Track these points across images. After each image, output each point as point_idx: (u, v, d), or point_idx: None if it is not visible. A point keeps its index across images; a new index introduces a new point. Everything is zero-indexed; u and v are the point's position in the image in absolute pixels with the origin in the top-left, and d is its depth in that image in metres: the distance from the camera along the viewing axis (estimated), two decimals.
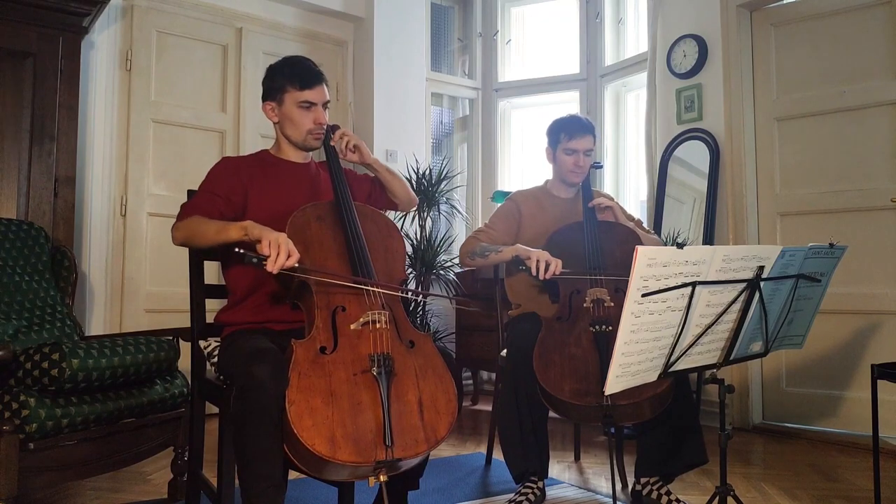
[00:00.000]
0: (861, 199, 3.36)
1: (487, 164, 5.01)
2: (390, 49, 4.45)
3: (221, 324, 1.97)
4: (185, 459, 2.28)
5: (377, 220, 1.95)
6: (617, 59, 4.59)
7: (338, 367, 1.59)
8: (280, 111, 2.00)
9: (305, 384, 1.53)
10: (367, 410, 1.53)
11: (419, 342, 1.73)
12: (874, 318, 3.31)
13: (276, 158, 2.06)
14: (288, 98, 1.98)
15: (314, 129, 1.99)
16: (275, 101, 2.01)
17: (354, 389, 1.56)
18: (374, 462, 1.48)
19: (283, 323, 1.90)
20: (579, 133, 2.55)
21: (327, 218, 1.85)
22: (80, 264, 3.38)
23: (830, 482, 2.65)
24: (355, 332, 1.66)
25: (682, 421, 2.22)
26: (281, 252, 1.59)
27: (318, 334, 1.64)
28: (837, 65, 3.46)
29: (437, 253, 4.14)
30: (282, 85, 1.98)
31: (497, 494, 2.45)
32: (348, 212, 1.86)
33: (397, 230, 1.98)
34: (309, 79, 1.97)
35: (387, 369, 1.58)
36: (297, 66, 2.00)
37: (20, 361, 1.96)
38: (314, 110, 1.98)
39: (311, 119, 1.98)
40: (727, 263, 1.50)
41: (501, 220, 2.64)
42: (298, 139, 2.01)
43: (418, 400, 1.61)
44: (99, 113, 3.58)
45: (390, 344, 1.65)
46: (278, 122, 2.03)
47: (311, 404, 1.50)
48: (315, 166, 2.11)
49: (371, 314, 1.68)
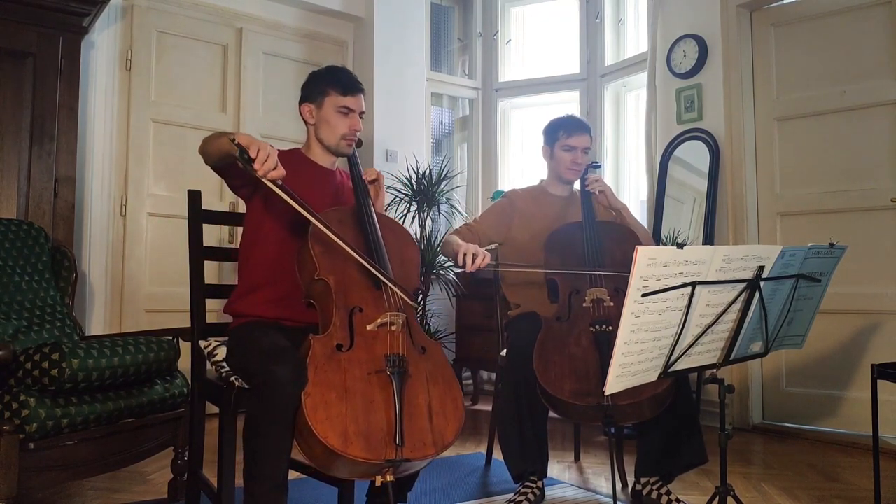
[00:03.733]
0: (861, 199, 3.36)
1: (487, 164, 5.01)
2: (390, 49, 4.45)
3: (233, 313, 1.98)
4: (185, 459, 2.27)
5: (395, 230, 2.01)
6: (617, 59, 4.59)
7: (353, 365, 1.62)
8: (318, 114, 2.05)
9: (321, 378, 1.56)
10: (379, 409, 1.56)
11: (430, 349, 1.77)
12: (874, 318, 3.31)
13: (305, 158, 2.10)
14: (328, 102, 2.03)
15: (348, 134, 2.04)
16: (314, 103, 2.06)
17: (368, 388, 1.59)
18: (384, 460, 1.50)
19: (294, 321, 1.92)
20: (578, 131, 2.58)
21: (348, 221, 1.90)
22: (80, 264, 3.38)
23: (830, 482, 2.65)
24: (371, 333, 1.70)
25: (682, 421, 2.22)
26: (270, 158, 1.64)
27: (336, 332, 1.68)
28: (837, 65, 3.46)
29: (437, 253, 4.14)
30: (324, 89, 2.04)
31: (497, 494, 2.45)
32: (369, 217, 1.92)
33: (414, 241, 2.04)
34: (351, 86, 2.05)
35: (401, 370, 1.62)
36: (341, 74, 2.08)
37: (20, 361, 1.96)
38: (351, 117, 2.04)
39: (347, 125, 2.04)
40: (727, 263, 1.50)
41: (491, 216, 2.64)
42: (332, 143, 2.06)
43: (428, 404, 1.64)
44: (99, 113, 3.58)
45: (405, 346, 1.69)
46: (314, 124, 2.07)
47: (327, 398, 1.53)
48: (340, 174, 2.16)
49: (388, 315, 1.72)
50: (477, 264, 2.22)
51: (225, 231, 3.87)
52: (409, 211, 4.12)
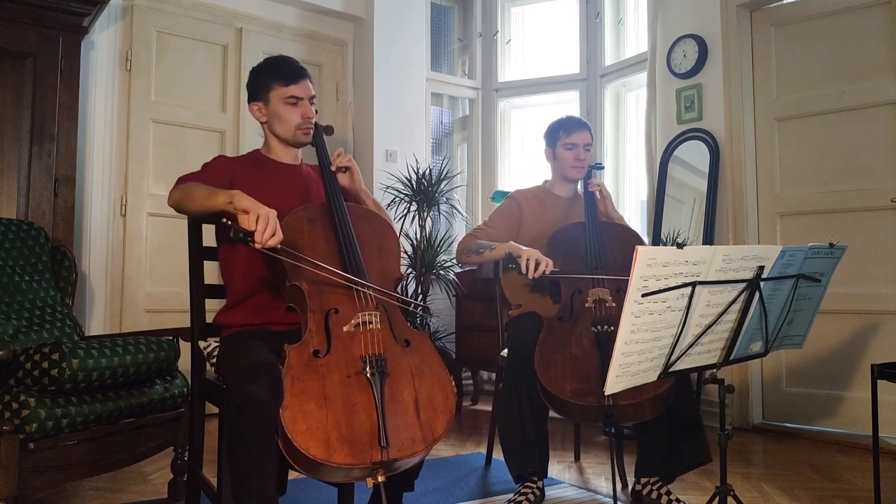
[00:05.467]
0: (861, 199, 3.36)
1: (487, 164, 5.01)
2: (390, 49, 4.45)
3: (220, 325, 1.96)
4: (185, 459, 2.27)
5: (371, 221, 1.94)
6: (617, 59, 4.59)
7: (331, 370, 1.59)
8: (267, 110, 2.00)
9: (299, 388, 1.53)
10: (361, 412, 1.53)
11: (415, 341, 1.73)
12: (874, 318, 3.31)
13: (267, 159, 2.06)
14: (274, 96, 1.97)
15: (302, 123, 1.99)
16: (261, 100, 2.00)
17: (348, 391, 1.56)
18: (371, 463, 1.48)
19: (281, 324, 1.89)
20: (577, 128, 2.59)
21: (319, 220, 1.84)
22: (80, 264, 3.38)
23: (830, 482, 2.65)
24: (348, 334, 1.66)
25: (682, 421, 2.22)
26: (269, 226, 1.57)
27: (311, 338, 1.64)
28: (837, 65, 3.46)
29: (437, 253, 4.14)
30: (266, 84, 1.98)
31: (497, 494, 2.45)
32: (340, 213, 1.85)
33: (392, 229, 1.97)
34: (292, 74, 1.97)
35: (380, 370, 1.59)
36: (280, 64, 2.01)
37: (20, 361, 1.95)
38: (301, 105, 1.98)
39: (298, 114, 1.98)
40: (727, 263, 1.50)
41: (502, 219, 2.64)
42: (288, 136, 2.01)
43: (414, 399, 1.61)
44: (99, 113, 3.58)
45: (383, 344, 1.65)
46: (266, 121, 2.03)
47: (305, 408, 1.51)
48: (306, 168, 2.11)
49: (363, 315, 1.68)
50: (540, 271, 2.24)
51: None
52: (409, 211, 4.12)
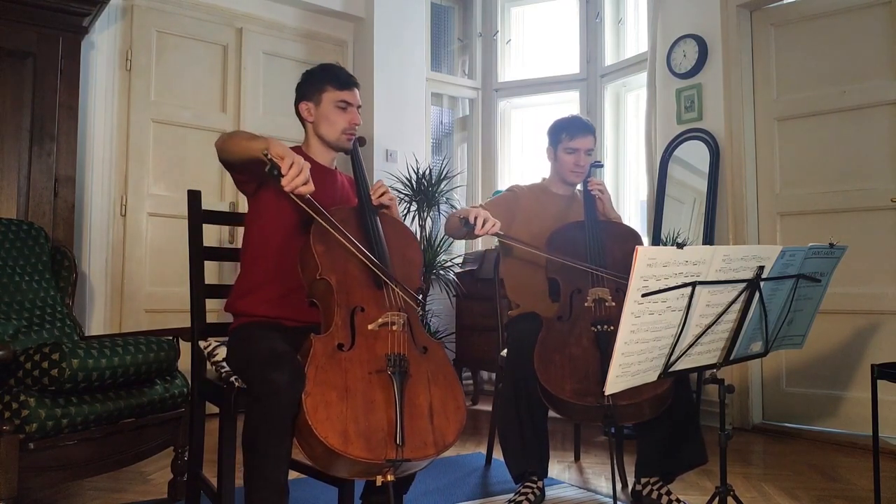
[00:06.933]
0: (861, 199, 3.36)
1: (487, 164, 5.01)
2: (390, 49, 4.45)
3: (234, 312, 1.98)
4: (185, 459, 2.27)
5: (398, 228, 2.01)
6: (617, 59, 4.59)
7: (354, 365, 1.61)
8: (317, 111, 2.06)
9: (322, 378, 1.56)
10: (379, 409, 1.56)
11: (432, 349, 1.77)
12: (874, 318, 3.31)
13: (306, 155, 2.10)
14: (326, 98, 2.05)
15: (348, 128, 2.06)
16: (312, 101, 2.07)
17: (369, 388, 1.59)
18: (384, 460, 1.50)
19: (295, 321, 1.91)
20: (581, 133, 2.56)
21: (350, 221, 1.90)
22: (80, 264, 3.38)
23: (830, 482, 2.65)
24: (373, 333, 1.69)
25: (682, 421, 2.22)
26: (302, 173, 1.63)
27: (337, 331, 1.68)
28: (837, 65, 3.46)
29: (437, 253, 4.14)
30: (321, 86, 2.06)
31: (497, 494, 2.45)
32: (371, 216, 1.92)
33: (416, 241, 2.04)
34: (347, 80, 2.08)
35: (401, 370, 1.62)
36: (337, 69, 2.11)
37: (20, 361, 1.95)
38: (349, 111, 2.06)
39: (346, 119, 2.05)
40: (727, 263, 1.50)
41: (496, 206, 2.63)
42: (332, 138, 2.07)
43: (429, 404, 1.63)
44: (99, 113, 3.58)
45: (406, 346, 1.69)
46: (313, 121, 2.08)
47: (327, 398, 1.53)
48: (341, 176, 2.17)
49: (390, 315, 1.72)
50: (486, 229, 2.21)
51: (225, 231, 3.87)
52: (409, 211, 4.13)
